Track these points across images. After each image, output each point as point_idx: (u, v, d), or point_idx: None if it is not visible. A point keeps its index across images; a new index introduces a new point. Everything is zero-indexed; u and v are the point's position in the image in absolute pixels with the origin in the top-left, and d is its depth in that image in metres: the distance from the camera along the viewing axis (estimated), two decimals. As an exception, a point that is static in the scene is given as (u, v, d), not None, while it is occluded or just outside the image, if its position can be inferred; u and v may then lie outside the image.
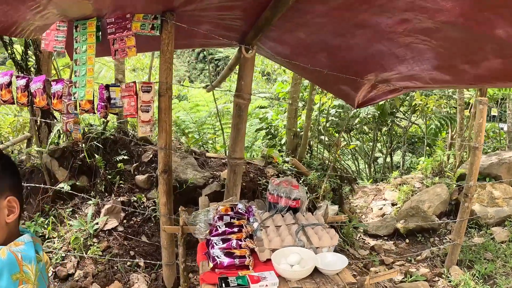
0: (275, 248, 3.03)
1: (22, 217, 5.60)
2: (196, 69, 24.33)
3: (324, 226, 3.39)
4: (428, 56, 3.74)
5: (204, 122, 9.02)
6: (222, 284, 2.64)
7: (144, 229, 5.50)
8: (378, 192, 9.39)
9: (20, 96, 4.19)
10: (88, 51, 3.83)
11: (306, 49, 4.49)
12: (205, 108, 9.70)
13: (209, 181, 5.99)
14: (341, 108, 9.97)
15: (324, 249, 3.17)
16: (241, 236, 3.09)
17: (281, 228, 3.28)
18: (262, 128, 9.72)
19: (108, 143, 6.17)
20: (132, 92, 3.89)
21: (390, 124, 11.70)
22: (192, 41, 4.93)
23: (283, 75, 11.98)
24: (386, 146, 12.76)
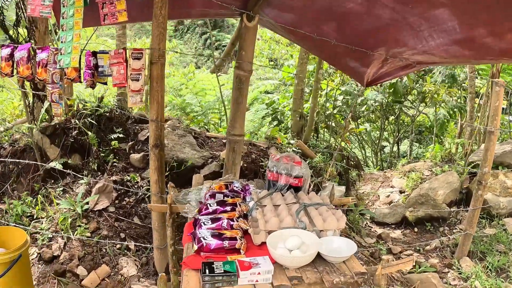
0: (271, 230, 2.69)
1: (11, 196, 5.37)
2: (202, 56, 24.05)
3: (330, 207, 3.05)
4: (446, 27, 3.42)
5: (212, 107, 8.77)
6: (205, 270, 2.31)
7: (137, 210, 5.21)
8: (385, 179, 9.09)
9: (4, 66, 3.93)
10: (76, 15, 3.54)
11: (313, 18, 4.19)
12: (212, 93, 9.48)
13: (208, 161, 5.70)
14: (348, 94, 9.68)
15: (329, 233, 2.83)
16: (233, 216, 2.77)
17: (280, 208, 2.94)
18: (268, 113, 9.45)
19: (102, 120, 5.88)
20: (121, 59, 3.59)
21: (397, 112, 11.38)
22: (190, 10, 4.64)
23: (290, 60, 11.73)
24: (393, 134, 12.46)
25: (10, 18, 6.55)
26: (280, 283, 2.38)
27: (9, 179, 5.62)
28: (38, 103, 6.22)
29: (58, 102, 3.94)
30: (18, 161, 5.44)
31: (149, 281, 4.46)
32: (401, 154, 12.87)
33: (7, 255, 3.65)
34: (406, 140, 13.11)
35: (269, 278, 2.37)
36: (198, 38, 28.85)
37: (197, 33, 29.10)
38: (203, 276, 2.27)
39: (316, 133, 8.87)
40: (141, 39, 14.18)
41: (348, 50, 4.38)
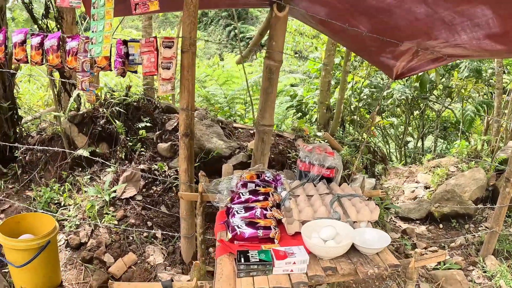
0: (305, 220, 2.67)
1: (39, 184, 5.42)
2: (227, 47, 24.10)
3: (363, 198, 3.02)
4: (479, 21, 3.34)
5: (236, 97, 8.75)
6: (241, 258, 2.29)
7: (164, 199, 5.22)
8: (410, 174, 9.00)
9: (34, 54, 3.96)
10: (107, 4, 3.53)
11: (344, 10, 4.12)
12: (237, 81, 9.46)
13: (235, 151, 5.68)
14: (374, 87, 9.58)
15: (362, 224, 2.80)
16: (266, 205, 2.74)
17: (313, 198, 2.91)
18: (293, 105, 9.41)
19: (130, 109, 5.91)
20: (152, 47, 3.58)
21: (423, 107, 11.24)
22: (220, 0, 4.59)
23: (314, 52, 11.66)
24: (417, 129, 12.33)
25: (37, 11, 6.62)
26: (314, 273, 2.36)
27: (37, 167, 5.68)
28: (64, 92, 6.28)
29: (89, 90, 3.96)
30: (46, 149, 5.48)
31: (175, 270, 4.47)
32: (425, 150, 12.73)
33: (36, 241, 3.70)
34: (430, 136, 12.97)
35: (304, 268, 2.35)
36: (222, 30, 28.88)
37: (221, 25, 29.15)
38: (238, 264, 2.25)
39: (342, 125, 8.81)
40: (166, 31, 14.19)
41: (379, 42, 4.32)
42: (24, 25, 10.81)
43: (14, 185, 5.48)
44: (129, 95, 5.94)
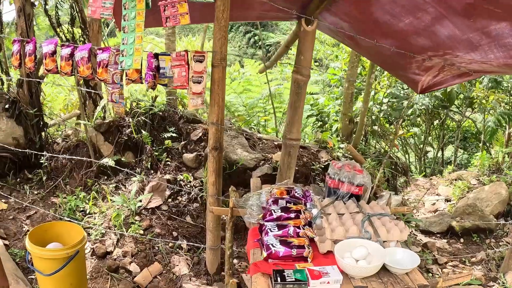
0: (338, 239, 2.69)
1: (64, 191, 5.49)
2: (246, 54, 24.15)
3: (392, 217, 3.04)
4: (507, 42, 3.34)
5: (256, 105, 8.77)
6: (277, 277, 2.32)
7: (189, 210, 5.27)
8: (431, 187, 8.96)
9: (64, 65, 4.02)
10: (137, 17, 3.60)
11: (372, 28, 4.13)
12: (257, 89, 9.48)
13: (260, 163, 5.71)
14: (395, 97, 9.55)
15: (392, 244, 2.82)
16: (299, 223, 2.77)
17: (345, 217, 2.93)
18: (313, 114, 9.41)
19: (156, 119, 5.98)
20: (183, 61, 3.62)
21: (443, 117, 11.18)
22: (248, 13, 4.65)
23: (335, 61, 11.65)
24: (437, 140, 12.25)
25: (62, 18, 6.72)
26: (347, 293, 2.38)
27: (62, 174, 5.75)
28: (89, 100, 6.36)
29: (119, 102, 4.02)
30: (73, 158, 5.55)
31: (200, 281, 4.50)
32: (445, 160, 12.65)
33: (65, 251, 3.74)
34: (450, 146, 12.89)
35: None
36: (242, 37, 28.94)
37: (241, 31, 29.22)
38: (275, 284, 2.28)
39: (365, 137, 8.79)
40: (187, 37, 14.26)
41: (405, 57, 4.33)
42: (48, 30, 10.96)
43: (39, 191, 5.56)
44: (155, 105, 6.01)
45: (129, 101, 6.07)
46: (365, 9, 3.83)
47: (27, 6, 5.98)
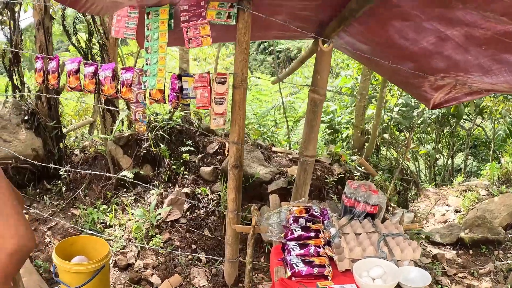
0: (355, 258, 2.84)
1: (84, 202, 5.63)
2: (256, 60, 24.22)
3: (405, 237, 3.17)
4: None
5: (267, 115, 8.88)
6: (301, 294, 2.47)
7: (207, 223, 5.40)
8: (441, 197, 9.03)
9: (87, 83, 4.15)
10: (160, 39, 3.73)
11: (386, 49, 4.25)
12: (267, 99, 9.58)
13: (275, 176, 5.83)
14: (405, 106, 9.64)
15: (405, 263, 2.96)
16: (319, 243, 2.91)
17: (361, 237, 3.08)
18: (324, 122, 9.50)
19: (173, 132, 6.11)
20: (205, 83, 3.76)
21: (453, 125, 11.25)
22: (267, 33, 4.77)
23: (346, 69, 11.73)
24: (447, 148, 12.31)
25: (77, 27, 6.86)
26: (365, 310, 2.52)
27: (81, 185, 5.88)
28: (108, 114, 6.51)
29: (142, 121, 4.16)
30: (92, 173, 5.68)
31: (218, 293, 4.65)
32: (455, 168, 12.69)
33: (92, 265, 3.85)
34: (460, 154, 12.93)
35: (356, 305, 2.51)
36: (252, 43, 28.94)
37: (251, 39, 29.20)
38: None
39: (376, 149, 8.88)
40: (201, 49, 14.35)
41: (418, 77, 4.44)
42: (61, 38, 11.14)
43: (59, 202, 5.68)
44: (172, 119, 6.15)
45: (147, 115, 6.21)
46: (381, 32, 3.95)
47: (46, 20, 6.14)
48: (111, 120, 6.50)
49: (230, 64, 13.41)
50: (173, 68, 9.45)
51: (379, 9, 3.42)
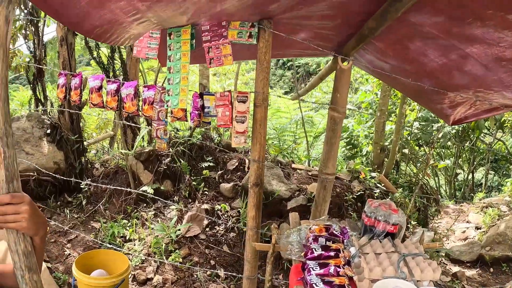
0: (375, 278, 2.84)
1: (104, 216, 5.70)
2: (275, 75, 24.27)
3: (425, 257, 3.16)
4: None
5: (285, 129, 8.90)
6: (322, 314, 2.47)
7: (226, 239, 5.43)
8: (461, 213, 8.95)
9: (110, 100, 4.19)
10: (182, 59, 3.77)
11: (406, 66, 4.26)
12: (286, 115, 9.61)
13: (294, 193, 5.85)
14: (424, 120, 9.58)
15: (425, 283, 2.95)
16: (339, 262, 2.91)
17: (381, 257, 3.08)
18: (342, 137, 9.48)
19: (194, 148, 6.16)
20: (227, 101, 3.79)
21: (473, 139, 11.16)
22: (287, 51, 4.81)
23: (365, 84, 11.72)
24: (468, 162, 12.20)
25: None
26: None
27: (102, 199, 5.95)
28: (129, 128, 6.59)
29: (163, 138, 4.21)
30: (113, 187, 5.74)
31: (236, 309, 4.66)
32: (475, 183, 12.56)
33: (112, 279, 3.91)
34: (481, 168, 12.80)
35: (377, 327, 2.51)
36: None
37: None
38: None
39: (396, 165, 8.83)
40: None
41: (438, 93, 4.44)
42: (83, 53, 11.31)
43: (79, 215, 5.75)
44: (193, 135, 6.20)
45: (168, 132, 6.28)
46: (399, 49, 3.96)
47: (69, 36, 6.25)
48: (132, 135, 6.57)
49: (250, 79, 13.48)
50: (194, 83, 9.55)
51: (397, 28, 3.44)
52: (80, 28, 3.08)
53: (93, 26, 2.88)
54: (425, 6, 2.96)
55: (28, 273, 1.65)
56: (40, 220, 1.66)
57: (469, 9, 2.76)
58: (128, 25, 3.17)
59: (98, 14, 2.76)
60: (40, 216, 1.67)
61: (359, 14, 3.56)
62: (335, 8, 3.42)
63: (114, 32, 3.25)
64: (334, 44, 4.37)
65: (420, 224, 6.78)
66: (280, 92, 14.23)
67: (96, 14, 2.72)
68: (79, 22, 2.80)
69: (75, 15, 2.64)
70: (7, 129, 1.58)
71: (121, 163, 6.43)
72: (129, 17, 2.97)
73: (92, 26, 2.90)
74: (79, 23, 2.83)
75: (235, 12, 3.50)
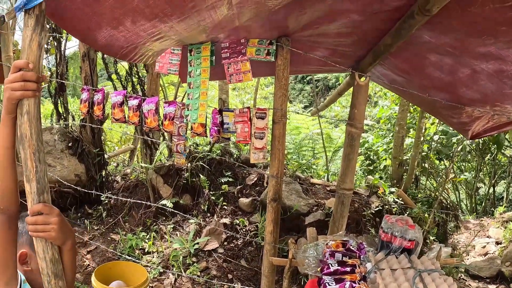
0: (391, 294, 2.86)
1: (123, 228, 5.77)
2: (294, 89, 24.33)
3: (441, 273, 3.17)
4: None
5: (304, 145, 8.93)
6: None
7: (244, 253, 5.46)
8: (481, 228, 8.87)
9: (132, 115, 4.27)
10: (202, 74, 3.83)
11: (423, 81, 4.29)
12: (305, 130, 9.64)
13: (313, 208, 5.88)
14: (444, 134, 9.52)
15: (441, 299, 2.96)
16: (354, 278, 2.93)
17: (397, 273, 3.09)
18: (361, 152, 9.47)
19: (213, 163, 6.23)
20: (246, 117, 3.84)
21: (494, 152, 11.05)
22: (304, 67, 4.85)
23: (384, 99, 11.70)
24: (489, 175, 12.06)
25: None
26: None
27: (121, 211, 6.04)
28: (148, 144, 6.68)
29: (182, 153, 4.28)
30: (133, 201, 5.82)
31: (253, 323, 4.68)
32: (497, 197, 12.39)
33: (130, 291, 3.96)
34: (502, 182, 12.63)
35: None
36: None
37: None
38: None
39: (415, 180, 8.79)
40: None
41: (455, 108, 4.45)
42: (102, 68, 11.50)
43: (99, 227, 5.84)
44: (212, 150, 6.27)
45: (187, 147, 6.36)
46: (416, 65, 3.99)
47: (91, 52, 6.39)
48: (152, 150, 6.66)
49: (269, 93, 13.55)
50: (213, 97, 9.64)
51: (412, 44, 3.48)
52: (106, 50, 3.17)
53: (119, 47, 2.96)
54: (439, 23, 3.00)
55: (54, 279, 1.78)
56: (68, 231, 1.81)
57: (482, 26, 2.79)
58: (151, 44, 3.25)
59: (123, 37, 2.84)
60: (68, 228, 1.82)
61: (375, 31, 3.61)
62: (352, 26, 3.47)
63: (138, 51, 3.33)
64: (351, 60, 4.41)
65: (439, 239, 6.75)
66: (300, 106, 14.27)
67: (121, 37, 2.80)
68: (105, 44, 2.88)
69: (102, 38, 2.73)
70: (39, 145, 1.70)
71: (141, 176, 6.51)
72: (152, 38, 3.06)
73: (118, 48, 2.99)
74: (106, 45, 2.92)
75: (253, 28, 3.57)
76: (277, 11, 2.99)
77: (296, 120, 10.13)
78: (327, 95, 12.62)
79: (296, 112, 10.80)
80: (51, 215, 1.73)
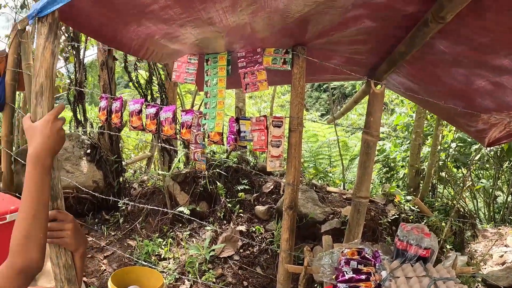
0: (405, 302, 2.87)
1: (140, 234, 5.82)
2: (311, 97, 24.35)
3: (457, 281, 3.17)
4: None
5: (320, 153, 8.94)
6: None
7: (260, 260, 5.48)
8: (499, 237, 8.78)
9: (149, 123, 4.33)
10: (219, 84, 3.87)
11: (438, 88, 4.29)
12: (321, 138, 9.66)
13: (329, 216, 5.88)
14: (462, 142, 9.46)
15: (455, 307, 2.97)
16: (369, 286, 2.95)
17: (412, 281, 3.10)
18: (379, 160, 9.45)
19: (230, 171, 6.27)
20: (262, 126, 3.87)
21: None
22: (320, 76, 4.88)
23: (401, 106, 11.66)
24: (507, 183, 11.94)
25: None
26: None
27: (138, 218, 6.09)
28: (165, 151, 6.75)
29: (200, 160, 4.32)
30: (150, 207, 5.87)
31: (268, 331, 4.70)
32: (515, 205, 12.25)
33: (146, 296, 4.01)
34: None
35: None
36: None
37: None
38: None
39: (432, 188, 8.74)
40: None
41: (471, 115, 4.45)
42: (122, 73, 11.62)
43: (116, 233, 5.89)
44: (229, 158, 6.32)
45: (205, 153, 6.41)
46: (431, 73, 3.99)
47: (109, 60, 6.48)
48: (169, 157, 6.73)
49: (285, 101, 13.57)
50: (230, 106, 9.69)
51: (427, 52, 3.49)
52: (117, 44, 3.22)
53: (130, 40, 3.01)
54: (452, 31, 3.00)
55: (67, 285, 1.81)
56: (81, 237, 1.82)
57: (494, 34, 2.79)
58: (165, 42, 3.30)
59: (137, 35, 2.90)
60: (81, 234, 1.84)
61: (389, 38, 3.62)
62: (365, 32, 3.48)
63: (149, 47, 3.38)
64: (367, 68, 4.43)
65: (456, 248, 6.69)
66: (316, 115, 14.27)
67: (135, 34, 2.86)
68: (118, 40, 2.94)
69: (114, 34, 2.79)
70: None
71: (158, 183, 6.57)
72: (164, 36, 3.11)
73: (129, 42, 3.04)
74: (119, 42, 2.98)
75: (268, 37, 3.60)
76: (292, 20, 3.03)
77: (312, 128, 10.14)
78: (343, 103, 12.61)
79: (313, 121, 10.79)
80: (65, 221, 1.76)
